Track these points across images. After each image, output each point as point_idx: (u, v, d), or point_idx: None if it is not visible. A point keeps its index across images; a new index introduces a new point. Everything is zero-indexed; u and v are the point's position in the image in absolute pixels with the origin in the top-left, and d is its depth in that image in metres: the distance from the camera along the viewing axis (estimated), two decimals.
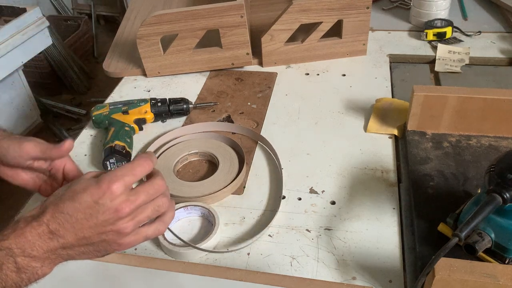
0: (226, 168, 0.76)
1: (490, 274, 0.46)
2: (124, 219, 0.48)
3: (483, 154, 0.74)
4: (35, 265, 0.45)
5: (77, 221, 0.46)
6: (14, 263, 0.44)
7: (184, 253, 0.62)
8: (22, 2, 2.32)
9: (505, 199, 0.51)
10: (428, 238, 0.61)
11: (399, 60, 1.06)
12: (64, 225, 0.46)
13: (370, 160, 0.77)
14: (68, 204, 0.46)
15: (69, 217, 0.46)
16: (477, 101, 0.74)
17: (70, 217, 0.46)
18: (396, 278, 0.59)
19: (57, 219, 0.46)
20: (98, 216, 0.46)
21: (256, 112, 0.92)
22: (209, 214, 0.68)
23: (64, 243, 0.46)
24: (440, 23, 1.10)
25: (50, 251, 0.46)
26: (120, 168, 0.48)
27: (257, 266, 0.62)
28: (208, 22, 0.95)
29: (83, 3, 3.19)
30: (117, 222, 0.47)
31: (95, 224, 0.47)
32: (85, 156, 0.83)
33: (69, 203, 0.46)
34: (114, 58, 1.12)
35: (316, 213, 0.69)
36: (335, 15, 0.99)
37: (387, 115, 0.86)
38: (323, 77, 1.01)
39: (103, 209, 0.46)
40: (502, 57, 1.03)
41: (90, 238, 0.47)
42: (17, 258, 0.44)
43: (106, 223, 0.47)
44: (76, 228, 0.46)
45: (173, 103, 0.89)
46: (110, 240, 0.48)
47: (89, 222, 0.46)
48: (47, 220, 0.46)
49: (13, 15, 1.86)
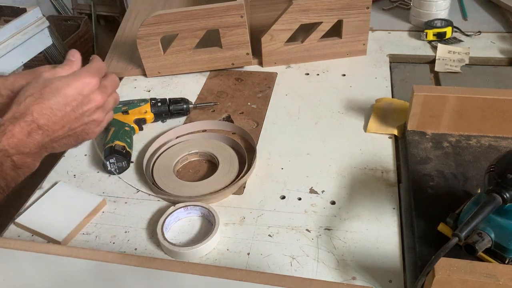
0: (226, 168, 0.76)
1: (490, 274, 0.46)
2: (100, 109, 0.54)
3: (483, 154, 0.74)
4: (28, 160, 0.49)
5: (65, 114, 0.51)
6: (11, 162, 0.48)
7: (184, 253, 0.62)
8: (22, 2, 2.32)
9: (505, 199, 0.51)
10: (428, 238, 0.61)
11: (399, 60, 1.06)
12: (53, 119, 0.50)
13: (370, 160, 0.77)
14: (54, 100, 0.50)
15: (57, 111, 0.50)
16: (477, 101, 0.74)
17: (59, 111, 0.50)
18: (396, 278, 0.59)
19: (45, 115, 0.49)
20: (83, 107, 0.52)
21: (256, 112, 0.92)
22: (209, 214, 0.68)
23: (53, 137, 0.51)
24: (440, 23, 1.10)
25: (41, 146, 0.50)
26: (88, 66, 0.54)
27: (257, 266, 0.62)
28: (208, 22, 0.95)
29: (83, 3, 3.19)
30: (96, 111, 0.54)
31: (80, 115, 0.52)
32: (85, 156, 0.83)
33: (55, 99, 0.50)
34: (114, 58, 1.12)
35: (316, 213, 0.69)
36: (335, 15, 0.99)
37: (387, 115, 0.86)
38: (323, 77, 1.01)
39: (87, 100, 0.52)
40: (502, 57, 1.03)
41: (75, 129, 0.53)
42: (13, 157, 0.48)
43: (88, 113, 0.53)
44: (64, 121, 0.51)
45: (173, 103, 0.89)
46: (88, 129, 0.54)
47: (75, 113, 0.52)
48: (35, 118, 0.49)
49: (13, 15, 1.85)
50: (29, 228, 0.69)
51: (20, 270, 0.57)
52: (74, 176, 0.79)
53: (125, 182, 0.77)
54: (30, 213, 0.71)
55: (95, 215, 0.71)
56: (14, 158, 0.48)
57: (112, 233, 0.68)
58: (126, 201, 0.73)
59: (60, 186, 0.76)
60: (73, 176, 0.79)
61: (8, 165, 0.48)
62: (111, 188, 0.76)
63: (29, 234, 0.69)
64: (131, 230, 0.68)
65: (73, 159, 0.83)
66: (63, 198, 0.73)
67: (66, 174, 0.79)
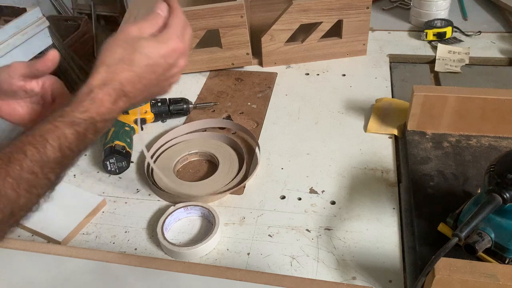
0: (226, 168, 0.76)
1: (490, 274, 0.46)
2: (179, 72, 0.53)
3: (483, 154, 0.74)
4: (108, 125, 0.50)
5: (150, 81, 0.50)
6: (94, 128, 0.48)
7: (184, 253, 0.62)
8: (22, 2, 2.32)
9: (505, 199, 0.51)
10: (428, 238, 0.61)
11: (399, 60, 1.06)
12: (138, 86, 0.50)
13: (370, 160, 0.77)
14: (144, 69, 0.49)
15: (144, 79, 0.50)
16: (477, 101, 0.74)
17: (145, 79, 0.50)
18: (396, 278, 0.59)
19: (132, 83, 0.49)
20: (166, 73, 0.52)
21: (256, 112, 0.92)
22: (209, 214, 0.68)
23: (134, 101, 0.51)
24: (440, 23, 1.10)
25: (122, 110, 0.50)
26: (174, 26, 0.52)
27: (257, 266, 0.62)
28: (208, 22, 0.95)
29: (83, 3, 3.19)
30: (176, 75, 0.53)
31: (162, 80, 0.52)
32: (85, 156, 0.83)
33: (145, 68, 0.49)
34: None
35: (316, 213, 0.69)
36: (335, 15, 0.99)
37: (387, 115, 0.86)
38: (323, 77, 1.01)
39: (172, 67, 0.52)
40: (502, 57, 1.03)
41: (152, 92, 0.53)
42: (97, 124, 0.48)
43: (168, 76, 0.52)
44: (148, 87, 0.51)
45: (173, 103, 0.89)
46: (161, 88, 0.54)
47: (158, 79, 0.51)
48: (123, 86, 0.48)
49: (13, 15, 1.85)
50: (29, 228, 0.69)
51: (20, 270, 0.58)
52: (74, 176, 0.79)
53: (125, 182, 0.77)
54: None
55: (95, 215, 0.71)
56: (98, 125, 0.48)
57: (112, 233, 0.68)
58: (126, 201, 0.73)
59: (60, 186, 0.75)
60: (73, 176, 0.79)
61: (91, 131, 0.47)
62: (111, 188, 0.76)
63: (29, 234, 0.69)
64: (131, 230, 0.68)
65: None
66: (63, 198, 0.73)
67: (66, 174, 0.79)
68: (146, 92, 0.51)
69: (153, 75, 0.50)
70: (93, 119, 0.47)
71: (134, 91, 0.49)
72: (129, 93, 0.49)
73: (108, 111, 0.48)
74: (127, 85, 0.49)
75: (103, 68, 0.48)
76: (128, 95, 0.49)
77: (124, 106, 0.50)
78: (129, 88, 0.49)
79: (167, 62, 0.51)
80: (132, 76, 0.49)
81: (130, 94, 0.49)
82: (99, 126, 0.48)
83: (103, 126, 0.49)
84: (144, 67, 0.49)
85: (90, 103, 0.47)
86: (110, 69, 0.48)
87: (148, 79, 0.50)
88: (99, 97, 0.47)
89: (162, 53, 0.50)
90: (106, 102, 0.48)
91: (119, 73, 0.48)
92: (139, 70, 0.49)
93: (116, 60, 0.49)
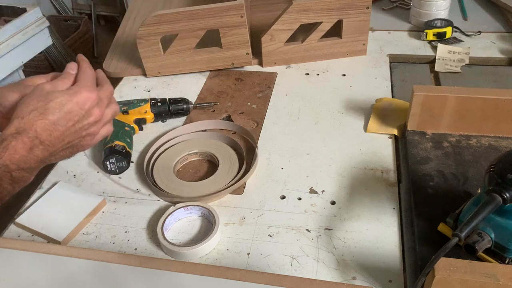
0: (226, 168, 0.76)
1: (490, 274, 0.46)
2: (98, 122, 0.55)
3: (483, 154, 0.74)
4: (26, 175, 0.50)
5: (67, 129, 0.52)
6: (10, 177, 0.48)
7: (184, 253, 0.62)
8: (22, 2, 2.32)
9: (505, 199, 0.51)
10: (428, 238, 0.61)
11: (399, 60, 1.06)
12: (54, 135, 0.51)
13: (370, 160, 0.77)
14: (57, 115, 0.51)
15: (60, 126, 0.51)
16: (477, 101, 0.74)
17: (61, 127, 0.51)
18: (396, 278, 0.59)
19: (48, 131, 0.50)
20: (83, 121, 0.53)
21: (256, 112, 0.92)
22: (209, 214, 0.68)
23: (52, 151, 0.51)
24: (440, 23, 1.10)
25: (40, 160, 0.51)
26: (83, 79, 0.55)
27: (257, 266, 0.62)
28: (208, 22, 0.95)
29: (83, 3, 3.19)
30: (94, 125, 0.55)
31: (80, 129, 0.53)
32: (85, 156, 0.83)
33: (59, 115, 0.51)
34: (114, 58, 1.12)
35: (316, 213, 0.69)
36: (335, 15, 0.99)
37: (387, 115, 0.86)
38: (323, 77, 1.01)
39: (88, 114, 0.53)
40: (502, 57, 1.03)
41: (72, 141, 0.54)
42: (13, 173, 0.48)
43: (87, 126, 0.54)
44: (65, 135, 0.52)
45: (173, 103, 0.89)
46: (84, 141, 0.55)
47: (75, 127, 0.53)
48: (38, 134, 0.49)
49: (13, 15, 1.85)
50: (29, 228, 0.69)
51: (20, 270, 0.57)
52: (74, 176, 0.79)
53: (125, 182, 0.77)
54: (30, 213, 0.71)
55: (95, 215, 0.71)
56: (14, 174, 0.48)
57: (112, 233, 0.68)
58: (126, 201, 0.73)
59: (60, 186, 0.76)
60: (73, 176, 0.79)
61: (6, 180, 0.48)
62: (111, 188, 0.76)
63: (29, 234, 0.69)
64: (131, 230, 0.68)
65: (73, 159, 0.82)
66: (63, 198, 0.73)
67: (66, 174, 0.79)
68: (65, 140, 0.52)
69: (69, 123, 0.52)
70: (7, 167, 0.47)
71: (51, 139, 0.50)
72: (45, 141, 0.50)
73: (23, 159, 0.49)
74: (42, 133, 0.50)
75: (18, 120, 0.50)
76: (45, 143, 0.50)
77: (42, 156, 0.50)
78: (45, 136, 0.50)
79: (81, 108, 0.52)
80: (47, 124, 0.50)
81: (46, 142, 0.50)
82: (15, 175, 0.48)
83: (20, 176, 0.49)
84: (58, 114, 0.51)
85: (2, 150, 0.48)
86: (24, 120, 0.49)
87: (64, 126, 0.51)
88: (12, 145, 0.48)
89: (75, 100, 0.52)
90: (20, 150, 0.48)
91: (34, 122, 0.49)
92: (53, 118, 0.50)
93: (30, 111, 0.50)
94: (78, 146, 0.55)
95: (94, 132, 0.56)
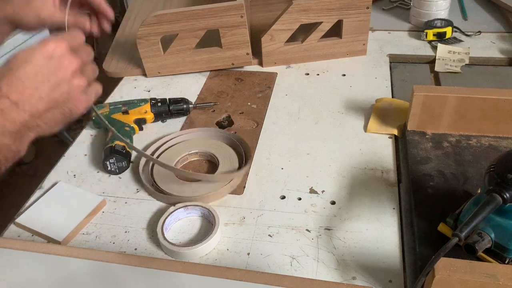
0: (226, 168, 0.76)
1: (490, 274, 0.46)
2: (77, 75, 0.50)
3: (483, 154, 0.74)
4: (7, 142, 0.46)
5: (39, 83, 0.47)
6: None
7: (184, 253, 0.62)
8: None
9: (505, 199, 0.51)
10: (428, 238, 0.61)
11: (399, 60, 1.06)
12: (26, 92, 0.46)
13: (370, 160, 0.77)
14: (22, 70, 0.46)
15: (28, 82, 0.46)
16: (477, 101, 0.74)
17: (30, 82, 0.46)
18: (396, 278, 0.59)
19: (16, 88, 0.46)
20: (57, 73, 0.48)
21: (256, 112, 0.92)
22: (209, 214, 0.68)
23: (33, 112, 0.47)
24: (440, 23, 1.10)
25: (21, 124, 0.46)
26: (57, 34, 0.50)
27: (257, 266, 0.62)
28: (208, 22, 0.95)
29: None
30: (74, 76, 0.49)
31: (57, 83, 0.48)
32: (85, 156, 0.83)
33: (23, 69, 0.46)
34: (114, 58, 1.12)
35: (316, 213, 0.69)
36: (335, 15, 0.99)
37: (387, 115, 0.86)
38: (323, 77, 1.01)
39: (59, 65, 0.48)
40: (502, 57, 1.03)
41: (56, 99, 0.48)
42: None
43: (66, 79, 0.49)
44: (40, 92, 0.47)
45: (173, 103, 0.89)
46: (71, 97, 0.50)
47: (50, 82, 0.47)
48: (4, 93, 0.45)
49: None
50: (29, 228, 0.69)
51: (20, 270, 0.57)
52: (74, 176, 0.79)
53: (125, 182, 0.77)
54: (30, 213, 0.71)
55: (95, 215, 0.71)
56: None
57: (112, 233, 0.68)
58: (126, 201, 0.73)
59: (60, 186, 0.76)
60: (73, 176, 0.79)
61: None
62: (111, 188, 0.76)
63: (29, 234, 0.69)
64: (131, 230, 0.68)
65: (73, 159, 0.83)
66: (63, 198, 0.73)
67: (66, 174, 0.79)
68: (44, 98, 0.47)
69: (39, 76, 0.47)
70: None
71: (24, 98, 0.46)
72: (18, 101, 0.46)
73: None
74: (11, 92, 0.45)
75: None
76: (18, 103, 0.46)
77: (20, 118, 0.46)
78: (16, 95, 0.46)
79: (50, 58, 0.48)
80: (12, 79, 0.46)
81: (20, 102, 0.46)
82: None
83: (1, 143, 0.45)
84: (23, 68, 0.46)
85: None
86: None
87: (35, 81, 0.46)
88: None
89: (39, 51, 0.47)
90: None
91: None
92: (18, 73, 0.46)
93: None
94: (69, 106, 0.50)
95: (79, 86, 0.50)
